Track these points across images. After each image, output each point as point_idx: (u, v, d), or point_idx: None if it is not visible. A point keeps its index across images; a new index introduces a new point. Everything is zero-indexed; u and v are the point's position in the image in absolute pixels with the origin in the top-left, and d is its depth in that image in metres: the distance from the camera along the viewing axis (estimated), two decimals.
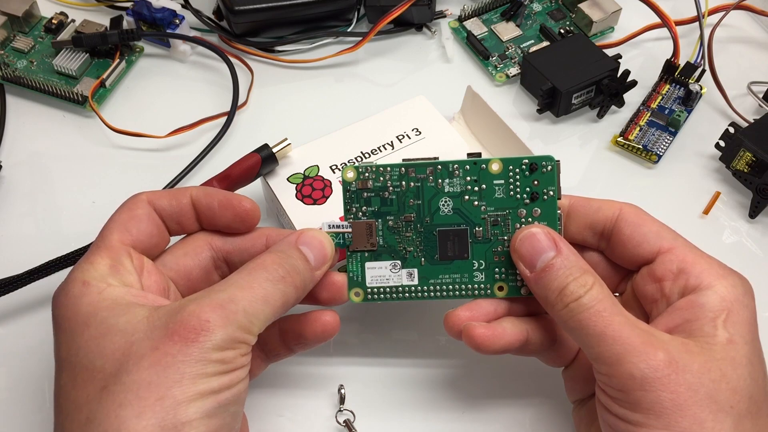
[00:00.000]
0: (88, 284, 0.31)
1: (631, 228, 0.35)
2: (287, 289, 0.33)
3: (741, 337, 0.31)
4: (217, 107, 0.53)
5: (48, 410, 0.40)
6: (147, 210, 0.35)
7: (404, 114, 0.47)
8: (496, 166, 0.36)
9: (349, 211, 0.36)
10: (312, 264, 0.34)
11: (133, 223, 0.35)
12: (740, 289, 0.33)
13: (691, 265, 0.33)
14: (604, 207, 0.36)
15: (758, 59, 0.58)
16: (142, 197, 0.35)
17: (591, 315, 0.32)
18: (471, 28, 0.57)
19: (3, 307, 0.43)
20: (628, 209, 0.36)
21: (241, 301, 0.31)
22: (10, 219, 0.48)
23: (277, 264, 0.33)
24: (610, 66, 0.52)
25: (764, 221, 0.49)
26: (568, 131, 0.53)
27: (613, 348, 0.31)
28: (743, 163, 0.48)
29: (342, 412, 0.40)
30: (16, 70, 0.53)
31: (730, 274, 0.33)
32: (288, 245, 0.34)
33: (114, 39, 0.53)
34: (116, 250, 0.33)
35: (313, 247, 0.34)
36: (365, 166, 0.36)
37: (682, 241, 0.35)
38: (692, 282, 0.33)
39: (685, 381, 0.30)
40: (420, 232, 0.36)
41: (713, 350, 0.31)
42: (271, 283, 0.32)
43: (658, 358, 0.30)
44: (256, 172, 0.43)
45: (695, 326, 0.32)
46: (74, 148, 0.51)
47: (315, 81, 0.55)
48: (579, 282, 0.33)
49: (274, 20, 0.55)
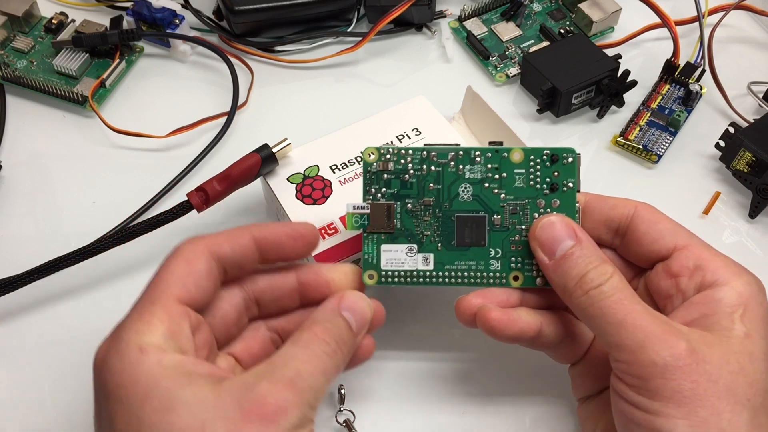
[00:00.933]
0: (145, 351, 0.29)
1: (647, 225, 0.35)
2: (339, 361, 0.32)
3: (757, 332, 0.32)
4: (217, 107, 0.53)
5: (48, 410, 0.40)
6: (207, 264, 0.33)
7: (404, 114, 0.47)
8: (517, 156, 0.36)
9: (368, 192, 0.36)
10: (354, 330, 0.34)
11: (192, 279, 0.32)
12: (755, 287, 0.33)
13: (707, 262, 0.34)
14: (620, 205, 0.36)
15: (758, 59, 0.58)
16: (201, 246, 0.33)
17: (612, 303, 0.32)
18: (471, 28, 0.57)
19: (3, 307, 0.43)
20: (644, 207, 0.36)
21: (307, 378, 0.30)
22: (10, 219, 0.48)
23: (329, 336, 0.32)
24: (610, 66, 0.52)
25: (764, 221, 0.49)
26: (568, 131, 0.53)
27: (635, 335, 0.31)
28: (743, 163, 0.48)
29: (342, 412, 0.40)
30: (16, 70, 0.53)
31: (744, 272, 0.34)
32: (333, 313, 0.33)
33: (114, 39, 0.53)
34: (174, 311, 0.31)
35: (355, 312, 0.34)
36: (387, 148, 0.36)
37: (697, 239, 0.35)
38: (709, 278, 0.33)
39: (705, 371, 0.30)
40: (438, 217, 0.36)
41: (731, 343, 0.31)
42: (327, 356, 0.32)
43: (680, 346, 0.30)
44: (256, 172, 0.43)
45: (712, 320, 0.32)
46: (74, 148, 0.51)
47: (315, 81, 0.55)
48: (599, 270, 0.33)
49: (274, 20, 0.55)
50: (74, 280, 0.44)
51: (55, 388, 0.41)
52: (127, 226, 0.46)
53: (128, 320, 0.31)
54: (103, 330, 0.43)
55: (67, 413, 0.40)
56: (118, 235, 0.43)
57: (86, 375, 0.42)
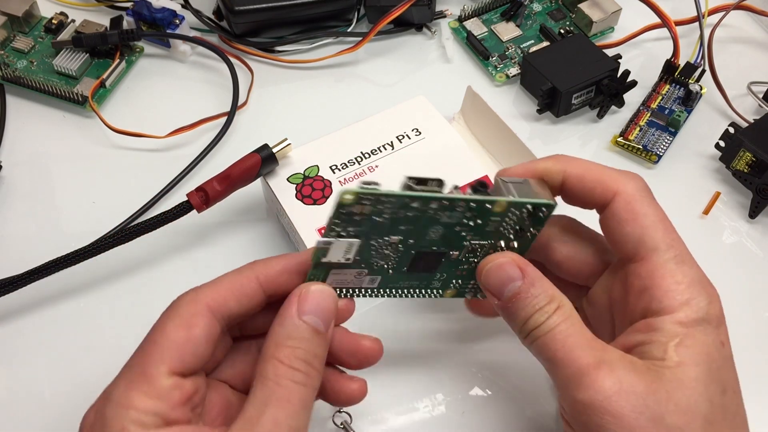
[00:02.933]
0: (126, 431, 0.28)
1: (615, 223, 0.33)
2: (315, 382, 0.31)
3: (692, 359, 0.31)
4: (217, 107, 0.53)
5: (48, 410, 0.40)
6: (207, 328, 0.30)
7: (404, 114, 0.47)
8: (499, 208, 0.34)
9: (332, 229, 0.31)
10: (322, 329, 0.31)
11: (189, 347, 0.30)
12: (703, 312, 0.32)
13: (657, 287, 0.32)
14: (598, 189, 0.34)
15: (758, 59, 0.58)
16: (202, 307, 0.31)
17: (547, 340, 0.32)
18: (471, 28, 0.57)
19: (3, 307, 0.43)
20: (621, 199, 0.33)
21: (287, 422, 0.29)
22: (10, 219, 0.48)
23: (296, 360, 0.30)
24: (610, 66, 0.52)
25: (764, 221, 0.49)
26: (568, 131, 0.53)
27: (563, 372, 0.31)
28: (743, 164, 0.48)
29: (339, 414, 0.40)
30: (16, 70, 0.53)
31: (697, 296, 0.32)
32: (293, 325, 0.31)
33: (114, 39, 0.53)
34: (162, 384, 0.29)
35: (317, 311, 0.31)
36: (366, 193, 0.31)
37: (661, 253, 0.32)
38: (654, 306, 0.32)
39: (629, 404, 0.29)
40: (399, 251, 0.34)
41: (661, 372, 0.30)
42: (301, 386, 0.30)
43: (602, 381, 0.30)
44: (256, 173, 0.43)
45: (647, 349, 0.31)
46: (74, 148, 0.51)
47: (315, 81, 0.55)
48: (544, 310, 0.32)
49: (274, 20, 0.55)
50: (74, 280, 0.44)
51: (55, 388, 0.41)
52: (127, 226, 0.46)
53: (116, 392, 0.30)
54: (104, 330, 0.43)
55: (67, 413, 0.40)
56: (118, 235, 0.43)
57: (86, 375, 0.42)
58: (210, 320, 0.31)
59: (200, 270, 0.46)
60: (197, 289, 0.32)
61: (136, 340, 0.33)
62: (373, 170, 0.44)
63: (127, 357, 0.33)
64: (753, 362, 0.35)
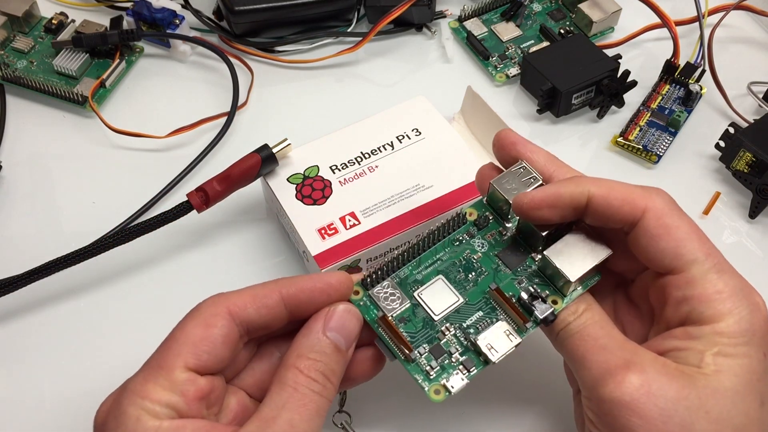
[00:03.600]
0: (141, 421, 0.29)
1: (648, 240, 0.33)
2: (330, 394, 0.32)
3: (729, 369, 0.30)
4: (217, 107, 0.53)
5: (48, 410, 0.40)
6: (225, 329, 0.31)
7: (404, 114, 0.47)
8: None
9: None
10: (343, 348, 0.33)
11: (206, 345, 0.31)
12: (747, 323, 0.31)
13: (698, 298, 0.31)
14: (625, 208, 0.33)
15: (758, 59, 0.58)
16: (221, 309, 0.32)
17: (576, 340, 0.32)
18: (471, 29, 0.57)
19: (3, 307, 0.43)
20: (651, 214, 0.33)
21: (301, 425, 0.30)
22: (10, 219, 0.48)
23: (315, 372, 0.31)
24: (610, 66, 0.52)
25: (764, 221, 0.49)
26: (568, 131, 0.53)
27: (591, 373, 0.31)
28: (743, 164, 0.48)
29: (340, 414, 0.40)
30: (16, 70, 0.53)
31: (739, 306, 0.31)
32: (316, 339, 0.32)
33: (114, 39, 0.53)
34: (178, 379, 0.30)
35: (342, 330, 0.33)
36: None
37: (700, 263, 0.32)
38: (694, 316, 0.32)
39: (657, 407, 0.29)
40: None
41: (695, 378, 0.30)
42: (317, 395, 0.31)
43: (629, 382, 0.30)
44: (256, 173, 0.43)
45: (683, 354, 0.31)
46: (74, 148, 0.51)
47: (315, 81, 0.55)
48: (570, 309, 0.33)
49: (274, 20, 0.55)
50: (74, 280, 0.44)
51: (55, 389, 0.41)
52: (127, 226, 0.46)
53: (133, 383, 0.31)
54: (103, 330, 0.43)
55: (67, 413, 0.40)
56: (118, 235, 0.43)
57: (86, 375, 0.42)
58: (228, 322, 0.32)
59: (200, 270, 0.46)
60: (220, 294, 0.33)
61: (136, 340, 0.34)
62: (373, 170, 0.44)
63: (128, 356, 0.33)
64: None
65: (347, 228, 0.42)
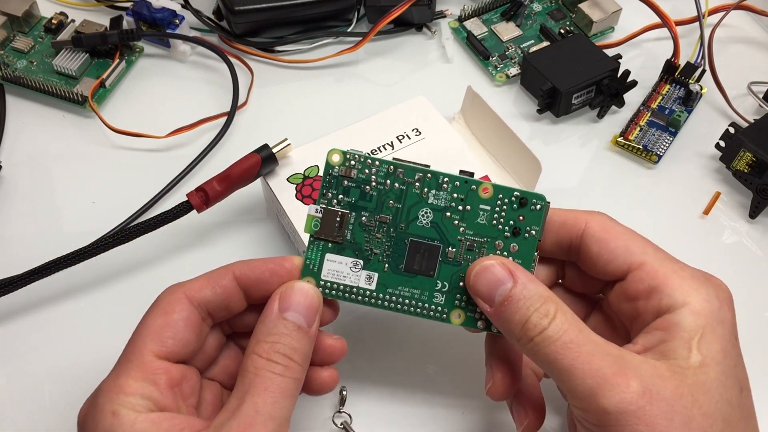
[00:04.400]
0: (118, 415, 0.30)
1: (598, 245, 0.33)
2: (296, 374, 0.32)
3: (713, 359, 0.30)
4: (217, 107, 0.53)
5: (47, 410, 0.40)
6: (185, 312, 0.32)
7: (404, 114, 0.47)
8: (486, 192, 0.34)
9: (325, 196, 0.34)
10: (305, 326, 0.32)
11: (169, 331, 0.32)
12: (715, 302, 0.32)
13: (663, 282, 0.32)
14: (569, 222, 0.34)
15: (758, 59, 0.58)
16: (179, 295, 0.33)
17: (558, 348, 0.30)
18: (471, 28, 0.57)
19: (3, 307, 0.43)
20: (594, 224, 0.34)
21: (267, 409, 0.30)
22: (10, 219, 0.48)
23: (274, 353, 0.31)
24: (610, 66, 0.52)
25: (764, 221, 0.49)
26: (568, 131, 0.53)
27: (584, 382, 0.30)
28: (743, 164, 0.48)
29: (340, 414, 0.40)
30: (16, 70, 0.53)
31: (703, 285, 0.32)
32: (274, 322, 0.32)
33: (114, 39, 0.53)
34: (150, 368, 0.31)
35: (299, 308, 0.33)
36: (354, 154, 0.34)
37: (651, 254, 0.33)
38: (665, 301, 0.32)
39: (659, 410, 0.29)
40: (391, 237, 0.35)
41: (685, 374, 0.30)
42: (280, 377, 0.31)
43: (631, 389, 0.29)
44: (256, 173, 0.43)
45: (670, 347, 0.31)
46: (74, 148, 0.51)
47: (315, 81, 0.55)
48: (541, 312, 0.31)
49: (274, 20, 0.55)
50: (74, 280, 0.44)
51: (55, 389, 0.41)
52: (127, 226, 0.46)
53: (106, 381, 0.31)
54: (103, 330, 0.43)
55: (67, 414, 0.40)
56: (118, 235, 0.43)
57: (85, 375, 0.42)
58: (187, 306, 0.33)
59: (200, 270, 0.46)
60: (176, 283, 0.34)
61: None
62: None
63: None
64: (753, 363, 0.34)
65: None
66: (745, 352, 0.33)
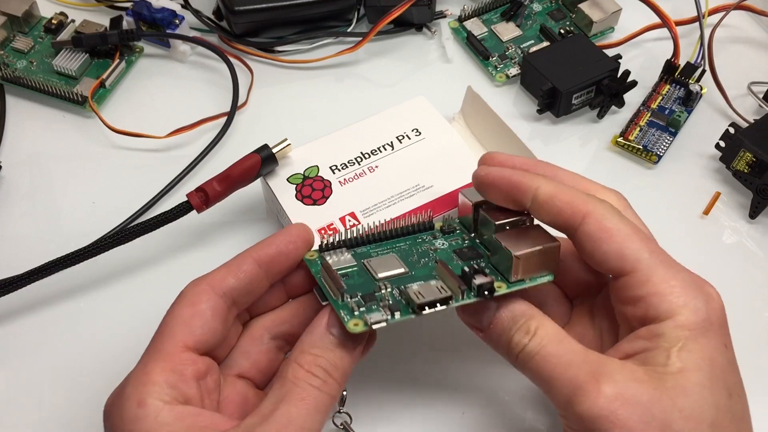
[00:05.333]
0: (143, 405, 0.30)
1: (591, 244, 0.33)
2: (332, 390, 0.32)
3: (694, 364, 0.30)
4: (217, 107, 0.53)
5: (47, 410, 0.40)
6: (212, 302, 0.33)
7: (404, 114, 0.47)
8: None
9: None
10: (349, 345, 0.33)
11: (198, 322, 0.32)
12: (703, 313, 0.31)
13: (651, 293, 0.31)
14: (566, 211, 0.33)
15: (758, 59, 0.58)
16: (203, 287, 0.33)
17: (538, 361, 0.32)
18: (471, 29, 0.57)
19: (3, 307, 0.43)
20: (592, 219, 0.33)
21: (299, 421, 0.30)
22: (10, 219, 0.48)
23: (315, 367, 0.32)
24: (610, 66, 0.52)
25: (764, 222, 0.49)
26: (568, 131, 0.53)
27: (562, 391, 0.30)
28: (743, 164, 0.48)
29: (339, 414, 0.40)
30: (16, 70, 0.53)
31: (693, 295, 0.31)
32: (320, 335, 0.33)
33: (114, 39, 0.53)
34: (178, 360, 0.31)
35: None
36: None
37: (645, 260, 0.32)
38: (652, 312, 0.31)
39: (634, 414, 0.29)
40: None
41: (663, 379, 0.30)
42: (317, 390, 0.31)
43: (604, 394, 0.29)
44: (255, 173, 0.43)
45: (650, 355, 0.31)
46: (74, 148, 0.51)
47: (315, 81, 0.55)
48: (522, 330, 0.32)
49: (274, 20, 0.55)
50: (74, 280, 0.44)
51: (55, 389, 0.41)
52: (127, 226, 0.46)
53: (134, 371, 0.31)
54: (103, 331, 0.43)
55: (67, 414, 0.40)
56: (118, 235, 0.43)
57: (85, 375, 0.42)
58: (212, 296, 0.33)
59: (200, 270, 0.46)
60: (198, 277, 0.34)
61: (136, 340, 0.34)
62: (373, 170, 0.44)
63: (127, 356, 0.34)
64: (754, 363, 0.34)
65: (347, 228, 0.42)
66: (745, 353, 0.33)
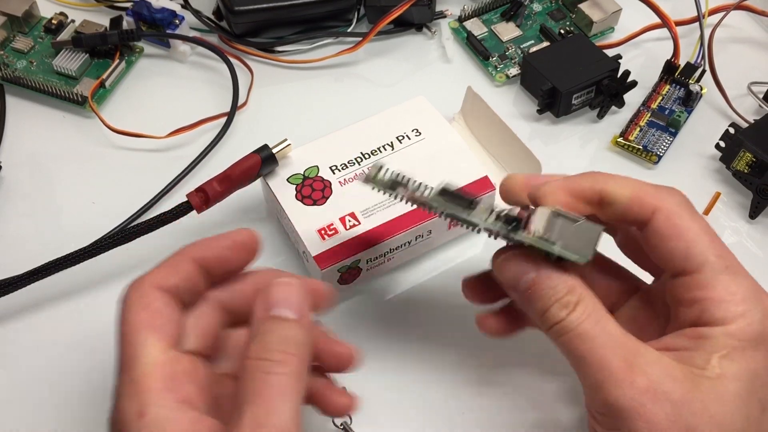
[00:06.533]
0: (144, 414, 0.28)
1: (659, 240, 0.32)
2: (293, 365, 0.29)
3: (735, 374, 0.30)
4: (217, 107, 0.53)
5: (47, 410, 0.40)
6: (163, 299, 0.31)
7: (404, 114, 0.47)
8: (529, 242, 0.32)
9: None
10: (292, 317, 0.30)
11: (159, 320, 0.31)
12: (758, 326, 0.30)
13: (710, 299, 0.31)
14: (635, 207, 0.32)
15: (758, 59, 0.58)
16: (145, 288, 0.31)
17: (572, 338, 0.31)
18: (471, 29, 0.57)
19: (3, 307, 0.43)
20: (661, 215, 0.32)
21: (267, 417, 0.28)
22: (10, 219, 0.48)
23: (265, 351, 0.29)
24: (610, 66, 0.52)
25: (764, 222, 0.49)
26: (568, 132, 0.53)
27: (594, 375, 0.30)
28: (743, 164, 0.48)
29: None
30: (16, 71, 0.53)
31: (751, 307, 0.31)
32: (256, 324, 0.30)
33: (114, 39, 0.53)
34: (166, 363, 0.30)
35: (286, 302, 0.31)
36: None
37: (710, 263, 0.31)
38: (706, 317, 0.31)
39: (662, 410, 0.29)
40: None
41: (699, 382, 0.30)
42: (274, 375, 0.29)
43: (635, 385, 0.29)
44: (255, 173, 0.43)
45: (689, 355, 0.31)
46: (74, 148, 0.51)
47: (315, 81, 0.55)
48: (562, 302, 0.31)
49: (274, 20, 0.55)
50: (74, 280, 0.44)
51: (55, 389, 0.41)
52: (127, 226, 0.46)
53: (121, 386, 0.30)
54: (103, 331, 0.43)
55: (67, 414, 0.40)
56: (117, 235, 0.43)
57: (85, 376, 0.42)
58: (161, 294, 0.31)
59: None
60: (137, 279, 0.32)
61: None
62: None
63: None
64: None
65: (347, 228, 0.42)
66: None
